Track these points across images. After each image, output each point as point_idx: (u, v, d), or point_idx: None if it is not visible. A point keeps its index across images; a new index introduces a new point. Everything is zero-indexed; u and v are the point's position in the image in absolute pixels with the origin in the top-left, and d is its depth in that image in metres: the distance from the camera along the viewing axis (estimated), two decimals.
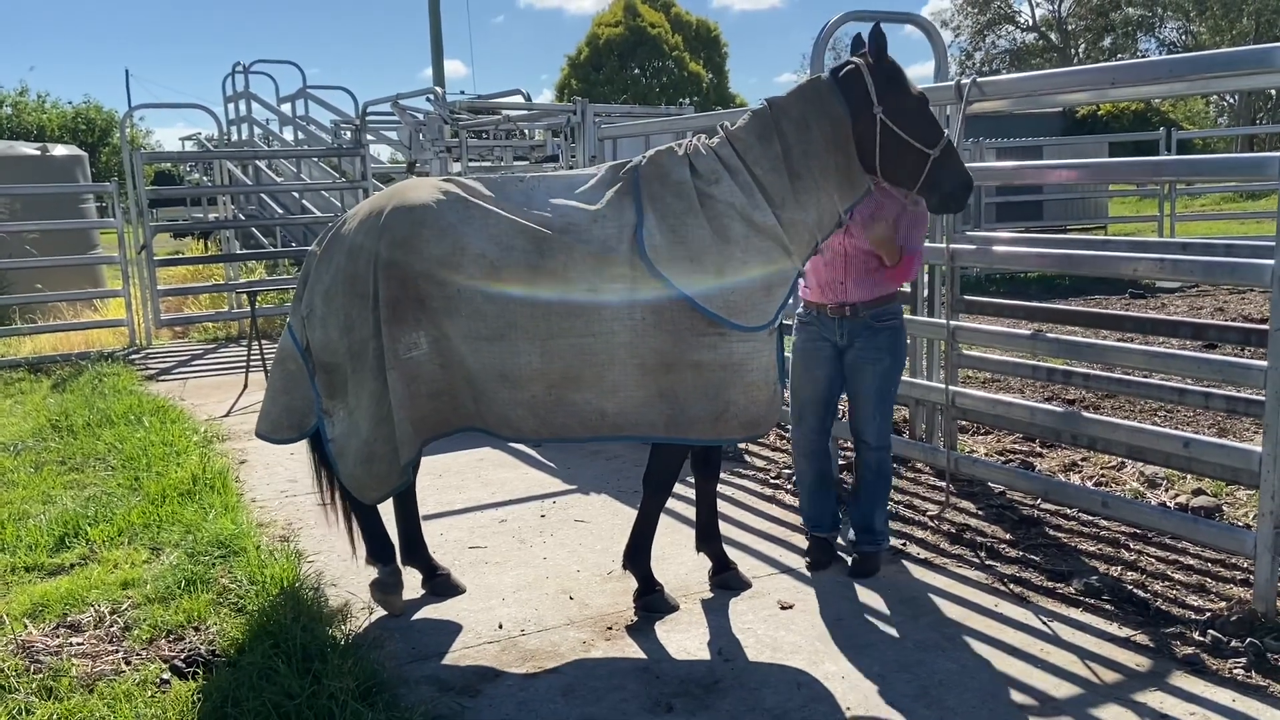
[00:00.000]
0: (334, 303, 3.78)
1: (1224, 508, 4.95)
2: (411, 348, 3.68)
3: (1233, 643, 3.62)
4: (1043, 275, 14.12)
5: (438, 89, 9.82)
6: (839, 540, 4.62)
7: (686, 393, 3.71)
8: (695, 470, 4.26)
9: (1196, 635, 3.71)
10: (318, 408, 3.89)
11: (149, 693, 3.43)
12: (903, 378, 5.71)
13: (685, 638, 3.83)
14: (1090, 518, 4.89)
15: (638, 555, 4.08)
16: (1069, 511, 4.98)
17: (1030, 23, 53.94)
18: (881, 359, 4.26)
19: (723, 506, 5.27)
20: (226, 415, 7.82)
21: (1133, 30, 50.84)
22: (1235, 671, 3.46)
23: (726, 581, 4.25)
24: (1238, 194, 23.24)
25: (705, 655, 3.69)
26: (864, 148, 3.79)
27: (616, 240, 3.67)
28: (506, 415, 3.76)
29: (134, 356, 10.61)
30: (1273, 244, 3.60)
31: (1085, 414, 4.73)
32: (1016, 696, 3.35)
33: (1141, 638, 3.72)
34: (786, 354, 4.20)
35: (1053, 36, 52.72)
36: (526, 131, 11.74)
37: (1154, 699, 3.30)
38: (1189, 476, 5.24)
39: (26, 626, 3.93)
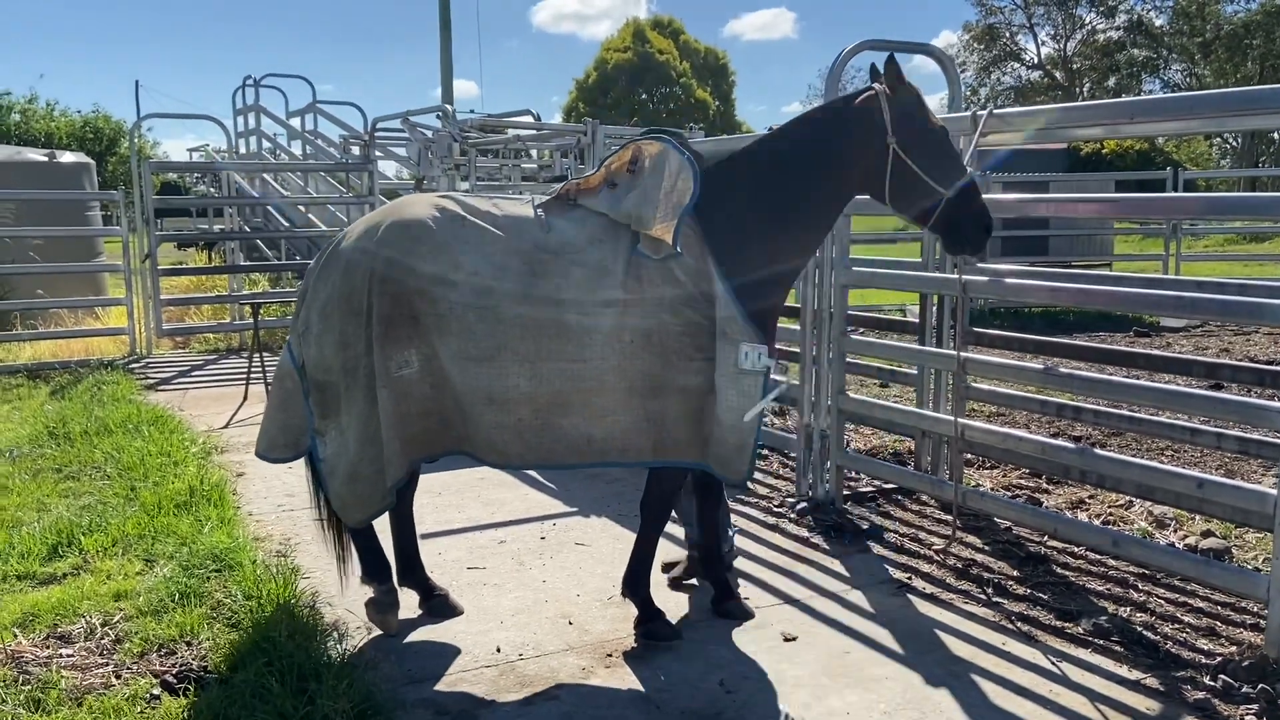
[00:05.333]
0: (330, 319, 3.74)
1: (1233, 550, 4.89)
2: (403, 365, 3.63)
3: (1244, 688, 3.54)
4: (1047, 310, 14.09)
5: (447, 106, 9.82)
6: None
7: (673, 417, 3.69)
8: (698, 497, 4.21)
9: (1207, 680, 3.64)
10: (310, 427, 3.83)
11: (139, 708, 3.35)
12: (910, 408, 5.69)
13: (687, 667, 3.76)
14: (1098, 556, 4.82)
15: (637, 582, 4.02)
16: (1076, 549, 4.92)
17: (1036, 60, 54.33)
18: None
19: None
20: (225, 427, 7.76)
21: (1137, 71, 51.21)
22: (1247, 718, 3.39)
23: (729, 611, 4.19)
24: (1241, 235, 23.28)
25: (707, 686, 3.62)
26: (874, 178, 3.80)
27: (612, 261, 3.65)
28: (492, 439, 3.70)
29: (134, 365, 10.55)
30: None
31: (1097, 451, 4.68)
32: None
33: (1152, 681, 3.65)
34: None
35: (1058, 75, 53.07)
36: (535, 152, 11.74)
37: None
38: (1198, 517, 5.18)
39: (16, 636, 3.86)
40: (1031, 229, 15.74)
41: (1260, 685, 3.52)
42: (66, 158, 14.00)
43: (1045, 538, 5.03)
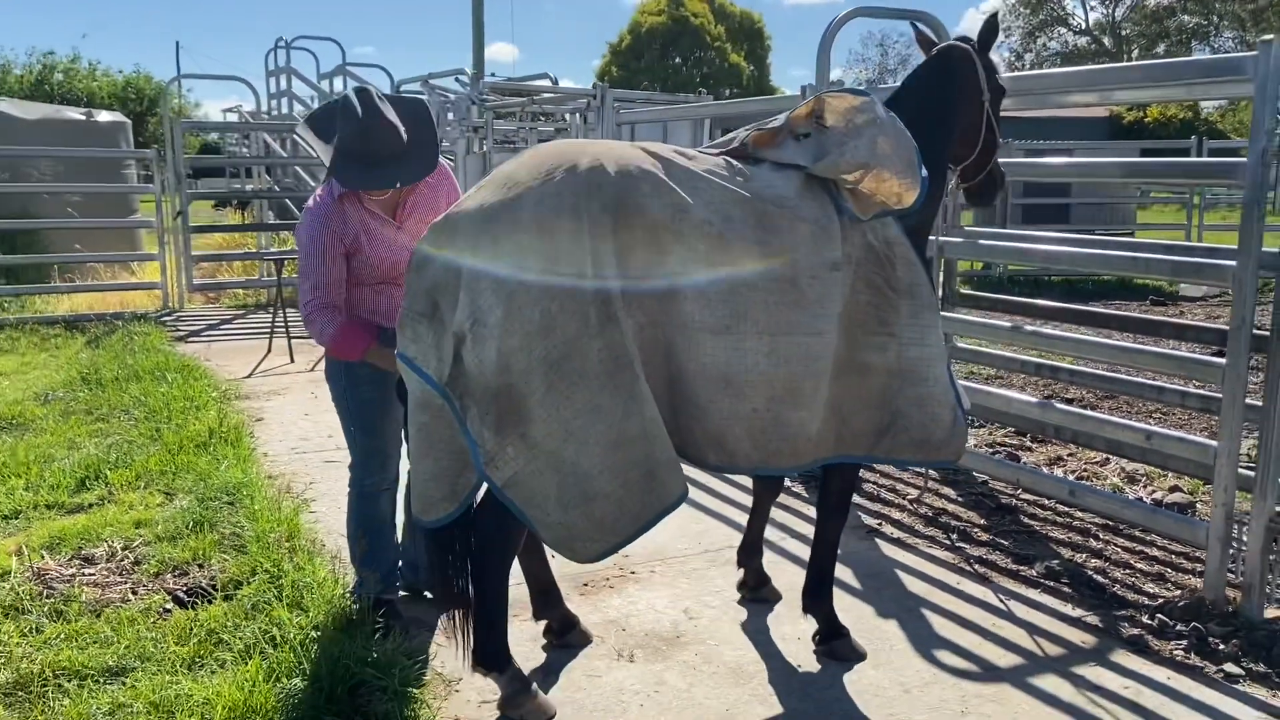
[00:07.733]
0: (518, 298, 2.78)
1: (1197, 504, 5.07)
2: None
3: (1178, 626, 3.77)
4: (1068, 279, 14.13)
5: (466, 69, 10.05)
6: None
7: (851, 402, 3.21)
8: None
9: (1145, 618, 3.87)
10: (476, 459, 2.83)
11: (151, 619, 3.69)
12: None
13: (655, 596, 4.04)
14: (1066, 508, 5.03)
15: (822, 592, 3.63)
16: (1046, 501, 5.13)
17: (1084, 26, 53.35)
18: None
19: (691, 472, 5.46)
20: (248, 376, 8.12)
21: (1187, 38, 50.12)
22: (1175, 652, 3.61)
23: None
24: (1270, 205, 22.97)
25: (672, 612, 3.90)
26: (971, 135, 3.63)
27: (826, 218, 3.14)
28: (721, 434, 3.03)
29: (166, 318, 10.96)
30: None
31: (1059, 406, 4.87)
32: (962, 664, 3.53)
33: (1092, 618, 3.88)
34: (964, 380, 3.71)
35: (1106, 41, 52.09)
36: (557, 114, 11.93)
37: (1092, 673, 3.47)
38: (1169, 474, 5.36)
39: (44, 557, 4.21)
40: (1053, 196, 15.73)
41: (1193, 624, 3.74)
42: (104, 117, 14.38)
43: (1019, 490, 5.24)
